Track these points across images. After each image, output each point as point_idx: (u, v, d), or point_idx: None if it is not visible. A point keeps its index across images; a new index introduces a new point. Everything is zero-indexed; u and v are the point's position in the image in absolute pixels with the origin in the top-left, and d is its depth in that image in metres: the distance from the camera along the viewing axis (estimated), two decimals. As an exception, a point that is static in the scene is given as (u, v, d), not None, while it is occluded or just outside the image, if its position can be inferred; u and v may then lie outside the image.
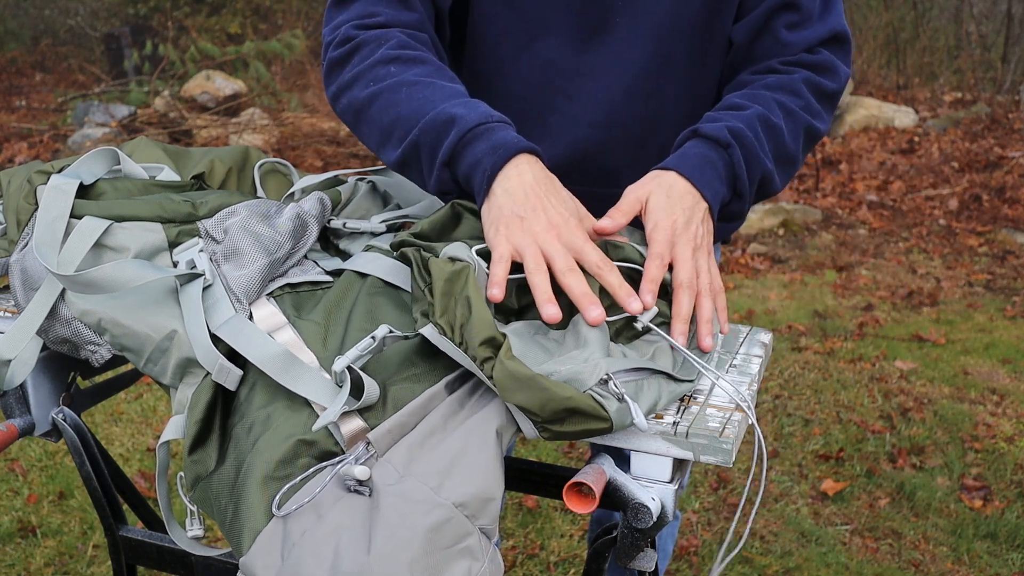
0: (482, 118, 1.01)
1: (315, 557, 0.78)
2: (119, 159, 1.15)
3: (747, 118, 1.10)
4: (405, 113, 1.05)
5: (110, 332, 0.97)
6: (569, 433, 0.86)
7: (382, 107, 1.07)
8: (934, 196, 5.68)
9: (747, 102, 1.13)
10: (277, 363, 0.89)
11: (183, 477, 0.90)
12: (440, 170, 1.03)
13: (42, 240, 1.00)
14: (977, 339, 3.71)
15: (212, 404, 0.91)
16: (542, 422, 0.85)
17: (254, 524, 0.83)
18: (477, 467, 0.83)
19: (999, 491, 2.62)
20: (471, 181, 1.02)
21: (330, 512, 0.81)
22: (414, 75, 1.08)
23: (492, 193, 0.99)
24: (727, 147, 1.07)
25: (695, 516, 2.47)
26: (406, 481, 0.81)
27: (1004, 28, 8.18)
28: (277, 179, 1.24)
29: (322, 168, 5.59)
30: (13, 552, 2.25)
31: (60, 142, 6.15)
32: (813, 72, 1.17)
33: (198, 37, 8.35)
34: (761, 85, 1.16)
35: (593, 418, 0.84)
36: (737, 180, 1.08)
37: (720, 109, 1.14)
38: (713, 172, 1.06)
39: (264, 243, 1.01)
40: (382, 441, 0.84)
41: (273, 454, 0.84)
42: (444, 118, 1.02)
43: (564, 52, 1.19)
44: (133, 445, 2.76)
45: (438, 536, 0.79)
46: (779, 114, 1.12)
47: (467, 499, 0.81)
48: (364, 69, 1.10)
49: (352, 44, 1.12)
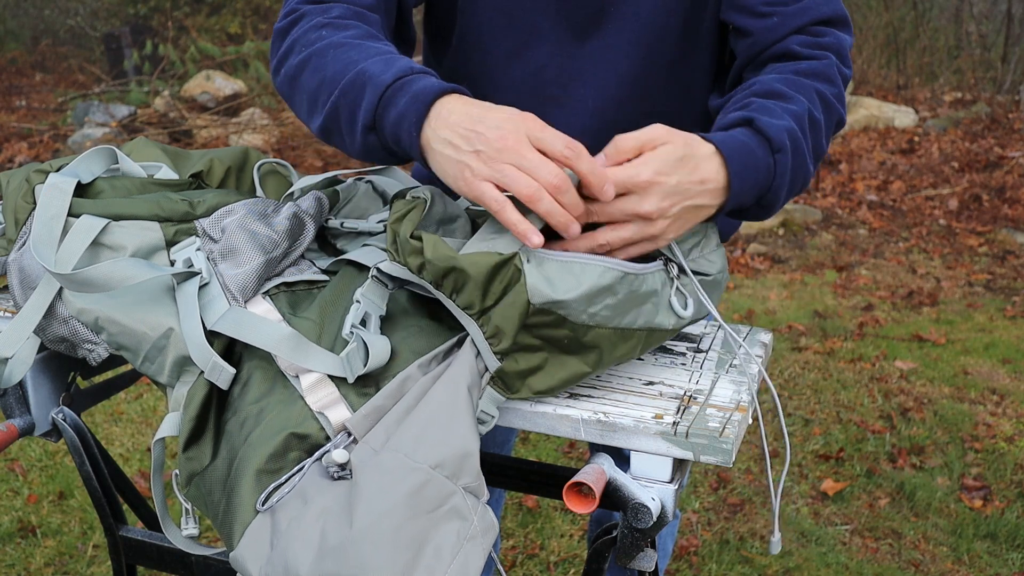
0: (399, 72, 0.94)
1: (302, 541, 0.79)
2: (117, 158, 1.15)
3: (798, 116, 1.01)
4: (329, 75, 0.99)
5: (107, 330, 0.97)
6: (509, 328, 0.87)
7: (311, 72, 1.01)
8: (934, 196, 5.68)
9: (791, 91, 1.04)
10: (286, 344, 0.90)
11: (178, 475, 0.91)
12: (364, 135, 0.96)
13: (40, 238, 1.00)
14: (977, 339, 3.71)
15: (207, 401, 0.92)
16: (479, 311, 0.87)
17: (244, 517, 0.84)
18: (449, 426, 0.83)
19: (999, 491, 2.62)
20: (400, 141, 0.94)
21: (315, 499, 0.82)
22: (343, 37, 1.02)
23: (430, 150, 0.92)
24: (777, 151, 0.97)
25: (695, 516, 2.47)
26: (380, 454, 0.82)
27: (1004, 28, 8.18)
28: (276, 179, 1.24)
29: (322, 168, 5.59)
30: (13, 552, 2.25)
31: (60, 142, 6.15)
32: (838, 58, 1.10)
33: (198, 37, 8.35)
34: (795, 71, 1.08)
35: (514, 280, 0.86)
36: (769, 191, 0.98)
37: (763, 95, 1.04)
38: (753, 177, 0.96)
39: (261, 242, 1.01)
40: (360, 425, 0.85)
41: (265, 448, 0.85)
42: (361, 78, 0.95)
43: (555, 59, 1.19)
44: (133, 445, 2.76)
45: (419, 500, 0.79)
46: (820, 107, 1.05)
47: (443, 459, 0.81)
48: (299, 36, 1.06)
49: (295, 15, 1.09)
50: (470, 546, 0.80)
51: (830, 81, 1.08)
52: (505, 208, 0.86)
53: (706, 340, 1.10)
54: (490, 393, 0.90)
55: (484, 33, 1.19)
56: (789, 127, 0.98)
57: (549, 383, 0.91)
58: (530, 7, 1.17)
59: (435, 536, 0.78)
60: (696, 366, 1.03)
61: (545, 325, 0.88)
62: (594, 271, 0.88)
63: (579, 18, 1.17)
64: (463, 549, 0.79)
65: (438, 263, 0.86)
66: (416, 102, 0.91)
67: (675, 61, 1.19)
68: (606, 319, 0.90)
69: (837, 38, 1.12)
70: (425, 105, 0.91)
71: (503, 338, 0.87)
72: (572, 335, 0.89)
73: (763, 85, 1.06)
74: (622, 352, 0.94)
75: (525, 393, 0.91)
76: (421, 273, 0.88)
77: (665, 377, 1.00)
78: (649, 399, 0.95)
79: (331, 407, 0.88)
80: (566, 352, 0.91)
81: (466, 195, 0.89)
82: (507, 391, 0.91)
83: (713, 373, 1.01)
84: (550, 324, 0.88)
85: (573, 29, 1.18)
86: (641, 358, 1.04)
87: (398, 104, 0.93)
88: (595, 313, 0.89)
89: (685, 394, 0.96)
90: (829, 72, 1.09)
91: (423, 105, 0.91)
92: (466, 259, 0.86)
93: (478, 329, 0.88)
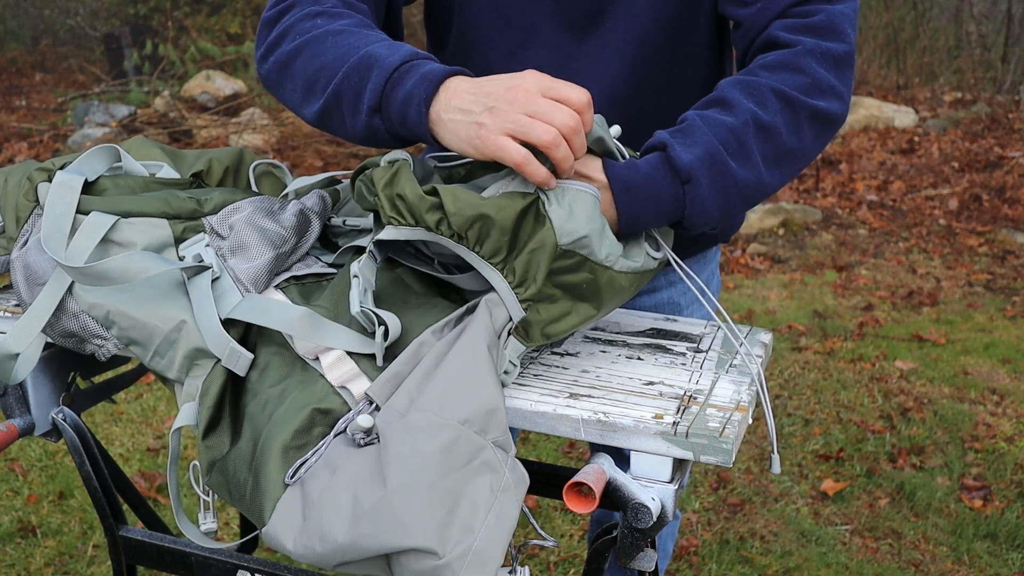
0: (405, 56, 0.96)
1: (335, 509, 0.80)
2: (120, 156, 1.16)
3: (732, 128, 0.99)
4: (330, 60, 1.00)
5: (118, 325, 0.98)
6: (538, 274, 0.88)
7: (307, 58, 1.03)
8: (934, 196, 5.68)
9: (738, 97, 1.02)
10: (304, 323, 0.92)
11: (196, 466, 0.91)
12: (369, 116, 0.97)
13: (50, 235, 1.01)
14: (977, 339, 3.71)
15: (223, 390, 0.93)
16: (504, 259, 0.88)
17: (274, 492, 0.85)
18: (473, 383, 0.84)
19: (999, 491, 2.62)
20: (407, 120, 0.95)
21: (344, 467, 0.83)
22: (340, 25, 1.03)
23: (440, 121, 0.93)
24: (685, 183, 0.97)
25: (695, 516, 2.47)
26: (408, 415, 0.83)
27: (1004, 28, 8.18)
28: (271, 180, 1.25)
29: (322, 168, 5.59)
30: (13, 552, 2.25)
31: (60, 142, 6.15)
32: (818, 38, 1.05)
33: (198, 37, 8.36)
34: (759, 66, 1.05)
35: (541, 222, 0.87)
36: (684, 216, 0.99)
37: (706, 106, 1.03)
38: (653, 206, 0.97)
39: (270, 237, 1.03)
40: (381, 392, 0.86)
41: (290, 424, 0.86)
42: (367, 61, 0.97)
43: (553, 59, 1.18)
44: (133, 445, 2.76)
45: (451, 456, 0.79)
46: (776, 107, 1.01)
47: (471, 415, 0.82)
48: (291, 24, 1.06)
49: (285, 4, 1.10)
50: (504, 497, 0.81)
51: (798, 71, 1.03)
52: (530, 161, 0.88)
53: (706, 340, 1.10)
54: (513, 343, 0.92)
55: (482, 33, 1.19)
56: (703, 154, 0.97)
57: (564, 328, 0.94)
58: (527, 8, 1.17)
59: (469, 490, 0.79)
60: (696, 366, 1.03)
61: (566, 270, 0.91)
62: (592, 200, 0.92)
63: (576, 18, 1.17)
64: (497, 501, 0.80)
65: (464, 212, 0.86)
66: (425, 81, 0.93)
67: (667, 58, 1.19)
68: (614, 260, 0.93)
69: (828, 13, 1.06)
70: (434, 84, 0.93)
71: (531, 284, 0.89)
72: (591, 277, 0.92)
73: (716, 91, 1.05)
74: (624, 295, 0.98)
75: (540, 340, 0.94)
76: (439, 228, 0.88)
77: (665, 377, 1.00)
78: (649, 399, 0.95)
79: (352, 381, 0.89)
80: (581, 298, 0.94)
81: (483, 154, 0.90)
82: (526, 340, 0.93)
83: (713, 373, 1.01)
84: (571, 268, 0.91)
85: (571, 29, 1.18)
86: (641, 358, 1.05)
87: (405, 84, 0.94)
88: (609, 253, 0.92)
89: (685, 394, 0.96)
90: (796, 61, 1.03)
91: (431, 84, 0.93)
92: (492, 204, 0.86)
93: (501, 278, 0.89)
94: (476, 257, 0.89)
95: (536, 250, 0.88)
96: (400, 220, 0.89)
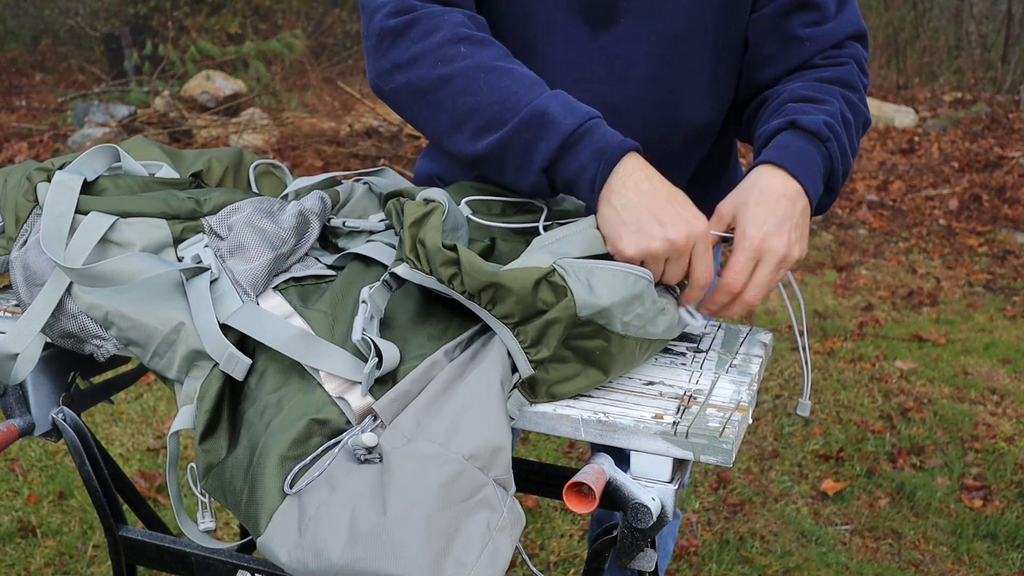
0: (580, 119, 0.99)
1: (331, 527, 0.80)
2: (119, 156, 1.16)
3: (832, 112, 1.08)
4: (486, 102, 1.01)
5: (117, 325, 0.98)
6: (552, 340, 0.88)
7: (456, 92, 1.02)
8: (934, 196, 5.68)
9: (819, 95, 1.11)
10: (297, 344, 0.91)
11: (194, 468, 0.91)
12: (538, 176, 1.01)
13: (49, 235, 1.01)
14: (977, 339, 3.71)
15: (221, 394, 0.92)
16: (517, 322, 0.88)
17: (270, 503, 0.84)
18: (482, 419, 0.84)
19: (999, 491, 2.62)
20: (575, 188, 1.01)
21: (343, 483, 0.83)
22: (488, 58, 1.03)
23: (608, 203, 0.98)
24: (825, 141, 1.05)
25: (695, 516, 2.47)
26: (415, 442, 0.83)
27: (1004, 28, 8.18)
28: (271, 180, 1.25)
29: (322, 168, 5.59)
30: (13, 552, 2.25)
31: (60, 142, 6.15)
32: (857, 66, 1.16)
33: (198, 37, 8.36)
34: (818, 78, 1.14)
35: (561, 293, 0.88)
36: (832, 175, 1.07)
37: (794, 100, 1.11)
38: (815, 167, 1.04)
39: (269, 238, 1.02)
40: (388, 410, 0.86)
41: (287, 435, 0.86)
42: (538, 120, 0.99)
43: (570, 54, 1.17)
44: (133, 445, 2.76)
45: (452, 490, 0.80)
46: (847, 109, 1.11)
47: (476, 450, 0.82)
48: (430, 47, 1.03)
49: (411, 16, 1.05)
50: (500, 536, 0.81)
51: (852, 87, 1.14)
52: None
53: (706, 340, 1.10)
54: (516, 396, 0.92)
55: (499, 25, 1.18)
56: (826, 119, 1.06)
57: (570, 390, 0.94)
58: (547, 0, 1.16)
59: (466, 526, 0.80)
60: (696, 366, 1.03)
61: (582, 336, 0.91)
62: (626, 278, 0.92)
63: (595, 13, 1.15)
64: (493, 539, 0.81)
65: (478, 277, 0.87)
66: (600, 160, 0.98)
67: (700, 63, 1.18)
68: (636, 328, 0.94)
69: (856, 50, 1.18)
70: (610, 164, 0.98)
71: (544, 348, 0.89)
72: (605, 345, 0.92)
73: (792, 93, 1.12)
74: (639, 361, 0.99)
75: (545, 399, 0.93)
76: (452, 283, 0.88)
77: (665, 377, 1.00)
78: (649, 399, 0.95)
79: (349, 392, 0.89)
80: (591, 363, 0.94)
81: (619, 252, 0.96)
82: (531, 396, 0.92)
83: (713, 373, 1.01)
84: (587, 335, 0.91)
85: (589, 24, 1.16)
86: (641, 358, 1.05)
87: (580, 156, 0.99)
88: (628, 322, 0.92)
89: (685, 394, 0.96)
90: (850, 79, 1.14)
91: (608, 164, 0.98)
92: (507, 275, 0.87)
93: (513, 337, 0.89)
94: (488, 315, 0.89)
95: (556, 318, 0.88)
96: (416, 264, 0.90)
